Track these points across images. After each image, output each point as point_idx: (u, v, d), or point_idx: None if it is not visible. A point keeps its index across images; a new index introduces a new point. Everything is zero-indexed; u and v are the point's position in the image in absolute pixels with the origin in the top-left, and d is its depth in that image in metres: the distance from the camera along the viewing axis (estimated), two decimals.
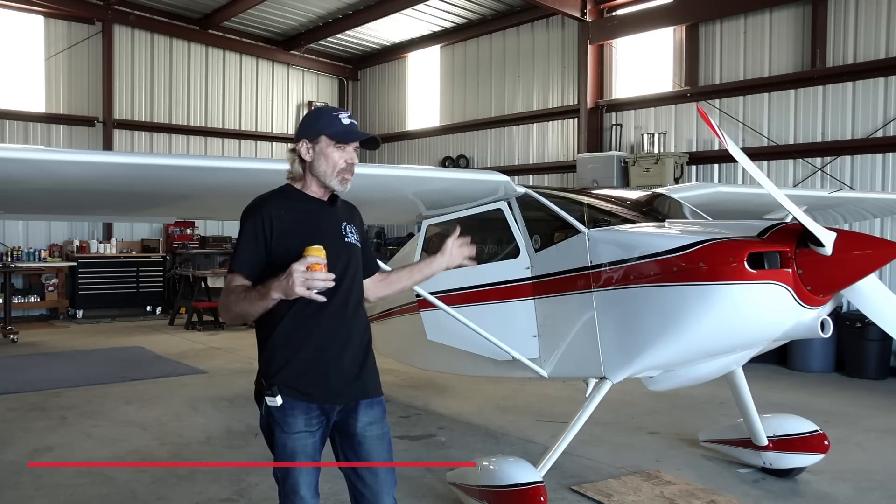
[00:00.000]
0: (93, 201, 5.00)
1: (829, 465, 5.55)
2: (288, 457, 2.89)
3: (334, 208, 3.01)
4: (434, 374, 8.29)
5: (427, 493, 5.13)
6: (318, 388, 2.89)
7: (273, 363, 2.90)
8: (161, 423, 6.96)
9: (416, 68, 16.74)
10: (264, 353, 2.95)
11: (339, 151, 2.91)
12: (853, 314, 8.92)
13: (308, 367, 2.88)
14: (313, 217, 2.92)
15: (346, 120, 2.94)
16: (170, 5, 15.36)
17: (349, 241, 2.99)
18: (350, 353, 2.94)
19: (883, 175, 9.74)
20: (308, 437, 2.90)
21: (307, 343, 2.87)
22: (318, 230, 2.86)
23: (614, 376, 4.73)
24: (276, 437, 2.91)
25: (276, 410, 2.87)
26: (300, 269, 2.55)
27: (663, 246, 4.39)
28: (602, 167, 11.83)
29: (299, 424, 2.88)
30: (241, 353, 10.71)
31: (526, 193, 5.28)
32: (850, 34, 10.01)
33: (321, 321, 2.86)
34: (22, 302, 13.80)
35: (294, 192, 2.98)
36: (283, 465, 2.92)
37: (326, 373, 2.90)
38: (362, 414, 2.98)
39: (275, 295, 2.63)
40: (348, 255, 2.95)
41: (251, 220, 2.89)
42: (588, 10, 12.51)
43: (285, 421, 2.88)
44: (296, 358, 2.87)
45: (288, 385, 2.86)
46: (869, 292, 4.20)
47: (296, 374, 2.87)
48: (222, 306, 2.89)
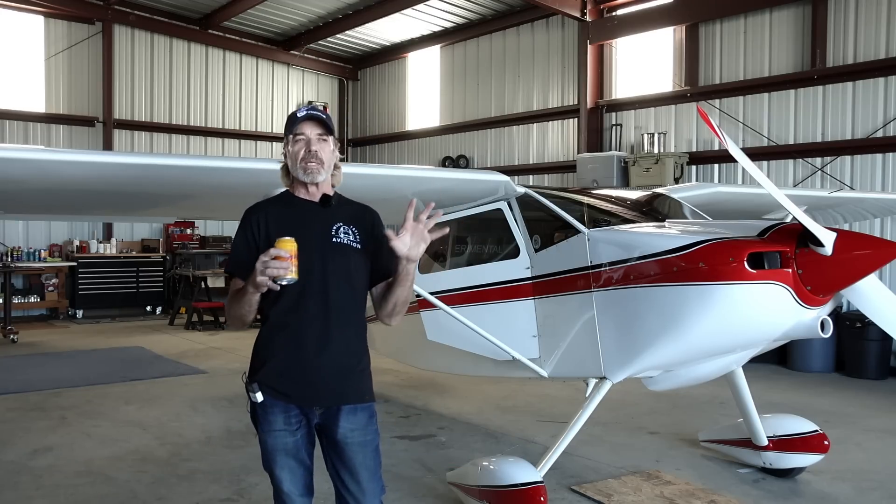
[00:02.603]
0: (93, 201, 5.01)
1: (829, 465, 5.54)
2: (269, 453, 2.94)
3: (327, 209, 2.96)
4: (434, 374, 8.29)
5: (427, 493, 5.13)
6: (294, 389, 2.88)
7: (256, 360, 2.95)
8: (161, 423, 6.96)
9: (416, 68, 16.73)
10: (253, 350, 3.00)
11: (298, 143, 2.91)
12: (853, 314, 8.92)
13: (286, 367, 2.88)
14: (299, 220, 2.89)
15: (301, 112, 2.94)
16: (170, 5, 15.36)
17: (338, 242, 2.91)
18: (329, 357, 2.87)
19: (883, 175, 9.74)
20: (288, 435, 2.91)
21: (288, 343, 2.87)
22: (301, 229, 2.80)
23: (614, 376, 4.73)
24: (259, 433, 2.97)
25: (258, 407, 2.92)
26: (263, 258, 2.61)
27: (663, 246, 4.40)
28: (602, 167, 11.83)
29: (279, 423, 2.90)
30: (241, 353, 10.71)
31: (526, 193, 5.28)
32: (850, 34, 10.01)
33: (302, 322, 2.85)
34: (22, 302, 13.79)
35: (288, 196, 3.02)
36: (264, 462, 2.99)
37: (303, 374, 2.87)
38: (343, 420, 2.92)
39: (250, 289, 2.70)
40: (333, 256, 2.89)
41: (243, 224, 2.98)
42: (588, 10, 12.51)
43: (266, 418, 2.92)
44: (275, 357, 2.89)
45: (267, 384, 2.90)
46: (869, 292, 4.20)
47: (275, 373, 2.89)
48: (225, 312, 2.97)
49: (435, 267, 6.13)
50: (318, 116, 2.93)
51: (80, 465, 5.72)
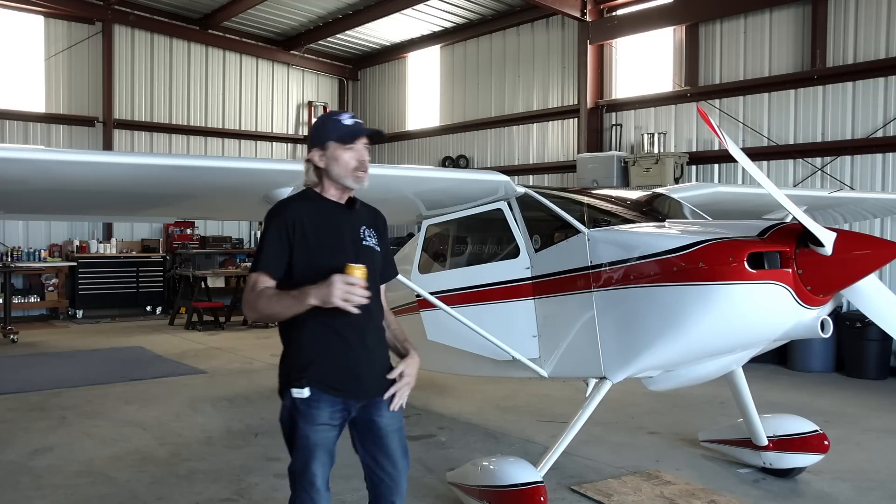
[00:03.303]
0: (93, 201, 5.00)
1: (829, 465, 5.54)
2: (309, 449, 3.00)
3: (353, 212, 3.13)
4: (434, 374, 8.28)
5: (427, 493, 5.13)
6: (347, 384, 3.03)
7: (300, 359, 3.02)
8: (161, 423, 6.96)
9: (416, 68, 16.73)
10: (292, 348, 3.06)
11: (349, 151, 3.03)
12: (853, 314, 8.92)
13: (336, 364, 3.01)
14: (333, 222, 3.05)
15: (348, 121, 3.06)
16: (170, 5, 15.36)
17: (366, 245, 3.11)
18: (369, 353, 3.08)
19: (883, 175, 9.74)
20: (329, 430, 3.02)
21: (334, 342, 3.00)
22: (338, 234, 3.02)
23: (614, 376, 4.73)
24: (299, 428, 3.00)
25: (302, 402, 2.98)
26: (340, 281, 2.75)
27: (663, 246, 4.39)
28: (602, 167, 11.83)
29: (324, 417, 3.00)
30: (241, 353, 10.72)
31: (526, 193, 5.28)
32: (850, 34, 10.01)
33: (343, 323, 2.94)
34: (22, 302, 13.79)
35: (316, 196, 3.11)
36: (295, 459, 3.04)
37: (351, 370, 3.03)
38: (384, 410, 3.13)
39: (311, 301, 2.80)
40: (363, 258, 3.01)
41: (276, 221, 3.02)
42: (588, 10, 12.50)
43: (310, 413, 2.99)
44: (325, 355, 3.00)
45: (318, 379, 2.99)
46: (869, 292, 4.20)
47: (326, 368, 3.00)
48: (248, 304, 2.99)
49: (435, 267, 6.13)
50: (370, 131, 3.09)
51: (80, 465, 5.73)
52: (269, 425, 6.76)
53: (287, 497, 3.14)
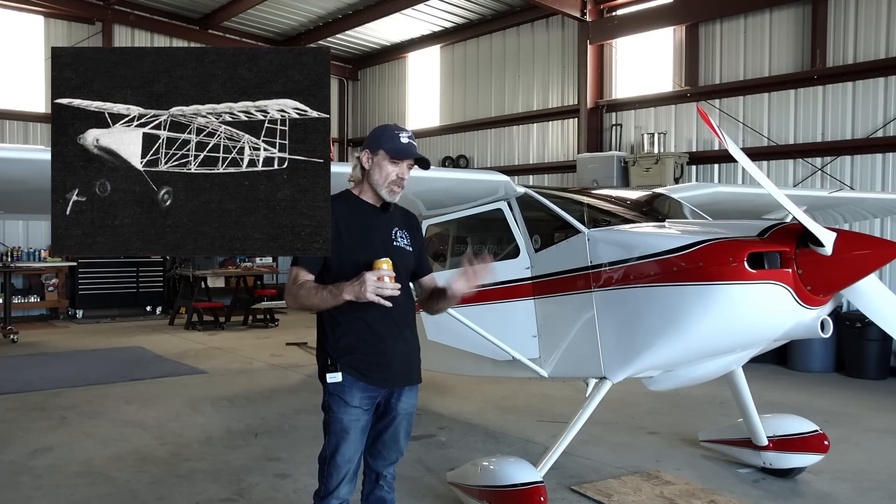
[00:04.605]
0: None
1: (829, 465, 5.54)
2: (343, 431, 3.22)
3: (387, 214, 3.35)
4: (434, 374, 8.28)
5: (427, 493, 5.13)
6: (378, 373, 3.25)
7: (338, 346, 3.25)
8: (161, 423, 6.96)
9: (416, 68, 16.73)
10: (329, 338, 3.28)
11: (393, 166, 3.25)
12: (853, 314, 8.92)
13: (370, 354, 3.23)
14: (367, 223, 3.28)
15: (404, 139, 3.28)
16: (170, 5, 15.35)
17: (397, 246, 3.33)
18: (400, 346, 3.31)
19: (883, 175, 9.74)
20: (362, 413, 3.25)
21: (368, 334, 3.23)
22: (370, 234, 3.25)
23: (614, 376, 4.73)
24: (333, 412, 3.24)
25: (336, 387, 3.22)
26: (372, 278, 2.96)
27: (663, 246, 4.39)
28: (602, 167, 11.83)
29: (356, 400, 3.22)
30: (241, 353, 10.71)
31: (526, 193, 5.28)
32: (850, 34, 10.01)
33: (377, 316, 3.18)
34: (22, 302, 13.79)
35: (353, 197, 3.34)
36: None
37: (384, 360, 3.26)
38: (406, 395, 3.39)
39: (346, 297, 3.03)
40: (395, 258, 3.20)
41: None
42: (588, 10, 12.50)
43: (343, 397, 3.22)
44: (361, 345, 3.23)
45: (352, 366, 3.22)
46: (869, 292, 4.20)
47: (360, 357, 3.23)
48: (290, 295, 3.22)
49: (435, 267, 6.12)
50: (419, 156, 3.29)
51: (80, 465, 5.72)
52: (269, 425, 6.77)
53: (287, 497, 3.15)
